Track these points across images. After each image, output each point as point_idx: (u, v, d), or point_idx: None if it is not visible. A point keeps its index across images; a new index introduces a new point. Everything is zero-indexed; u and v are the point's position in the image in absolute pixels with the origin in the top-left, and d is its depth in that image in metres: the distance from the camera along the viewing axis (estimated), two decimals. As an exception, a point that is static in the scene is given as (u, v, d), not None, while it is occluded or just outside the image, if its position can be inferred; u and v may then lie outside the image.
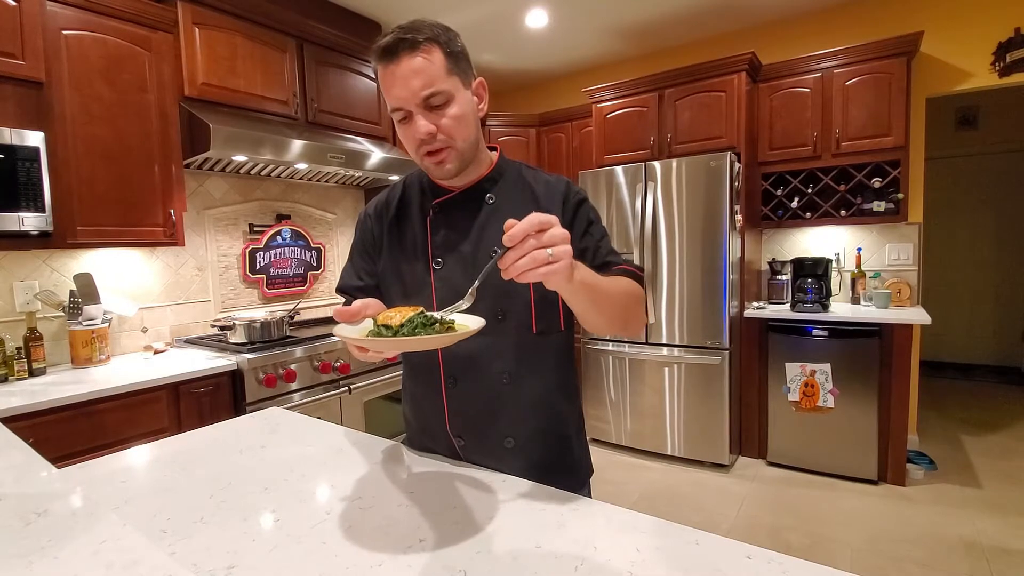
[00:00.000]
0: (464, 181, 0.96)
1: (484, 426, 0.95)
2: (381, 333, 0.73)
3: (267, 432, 1.16)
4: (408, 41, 0.82)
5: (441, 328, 0.72)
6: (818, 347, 2.90)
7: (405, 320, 0.72)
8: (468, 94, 0.89)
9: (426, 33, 0.83)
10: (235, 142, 2.22)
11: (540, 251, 0.63)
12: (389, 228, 1.02)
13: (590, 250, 0.94)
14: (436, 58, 0.83)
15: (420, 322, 0.72)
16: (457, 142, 0.88)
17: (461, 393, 0.95)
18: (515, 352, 0.94)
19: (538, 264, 0.63)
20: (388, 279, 1.01)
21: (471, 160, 0.93)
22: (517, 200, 0.96)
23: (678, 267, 3.09)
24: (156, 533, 0.73)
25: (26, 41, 1.80)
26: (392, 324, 0.73)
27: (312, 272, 3.10)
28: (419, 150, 0.88)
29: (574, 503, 0.80)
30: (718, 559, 0.65)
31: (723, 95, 3.10)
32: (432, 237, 0.96)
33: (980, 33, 2.91)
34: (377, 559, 0.66)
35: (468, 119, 0.89)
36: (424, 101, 0.84)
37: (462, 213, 0.96)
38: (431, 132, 0.85)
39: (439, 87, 0.83)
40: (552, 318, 0.96)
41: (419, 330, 0.71)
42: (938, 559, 2.15)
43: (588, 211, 0.97)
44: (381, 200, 1.06)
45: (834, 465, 2.89)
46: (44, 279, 2.12)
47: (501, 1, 3.10)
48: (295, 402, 2.22)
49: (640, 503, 2.72)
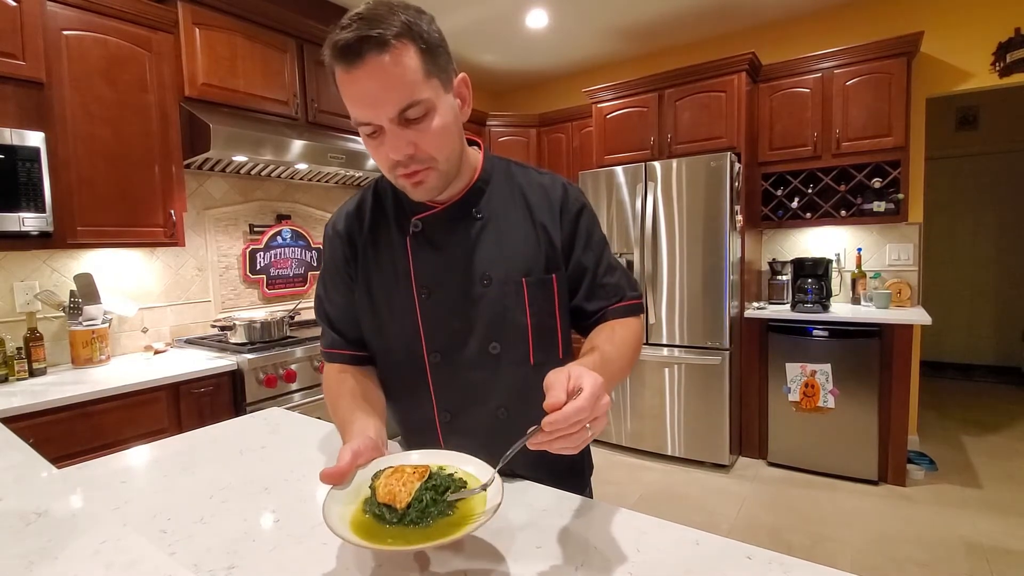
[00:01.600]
0: (447, 195, 0.83)
1: (483, 459, 0.90)
2: (384, 516, 0.60)
3: (267, 432, 1.16)
4: (375, 40, 0.65)
5: (452, 500, 0.62)
6: (818, 347, 2.90)
7: (412, 499, 0.60)
8: (449, 99, 0.74)
9: (396, 26, 0.66)
10: (235, 142, 2.22)
11: (582, 431, 0.58)
12: (364, 248, 0.87)
13: (590, 269, 0.88)
14: (410, 59, 0.67)
15: (430, 499, 0.61)
16: (439, 162, 0.74)
17: (458, 428, 0.88)
18: (512, 386, 0.86)
19: (580, 444, 0.58)
20: (364, 309, 0.88)
21: (455, 175, 0.80)
22: (509, 212, 0.86)
23: (678, 267, 3.09)
24: (156, 533, 0.73)
25: (26, 41, 1.80)
26: (397, 504, 0.60)
27: (312, 272, 3.10)
28: (393, 171, 0.74)
29: (574, 503, 0.80)
30: (719, 559, 0.64)
31: (723, 95, 3.10)
32: (414, 263, 0.84)
33: (980, 33, 2.91)
34: (377, 559, 0.65)
35: (451, 130, 0.74)
36: (399, 116, 0.69)
37: (447, 233, 0.83)
38: (408, 154, 0.71)
39: (417, 97, 0.68)
40: (551, 348, 0.88)
41: (430, 508, 0.60)
42: (938, 559, 2.15)
43: (588, 220, 0.89)
44: (350, 212, 0.90)
45: (834, 465, 2.89)
46: (44, 279, 2.12)
47: (501, 1, 3.10)
48: (295, 402, 2.22)
49: (640, 503, 2.72)
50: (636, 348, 0.86)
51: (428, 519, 0.60)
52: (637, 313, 0.91)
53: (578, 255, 0.88)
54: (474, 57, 3.96)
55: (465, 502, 0.63)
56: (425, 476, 0.63)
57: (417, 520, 0.59)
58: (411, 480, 0.62)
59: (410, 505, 0.60)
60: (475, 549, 0.68)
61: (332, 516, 0.58)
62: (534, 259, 0.85)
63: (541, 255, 0.85)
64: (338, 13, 0.75)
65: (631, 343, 0.84)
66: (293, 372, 2.21)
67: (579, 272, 0.88)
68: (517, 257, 0.84)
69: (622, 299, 0.90)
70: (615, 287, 0.89)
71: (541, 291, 0.85)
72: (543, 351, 0.87)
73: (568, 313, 0.91)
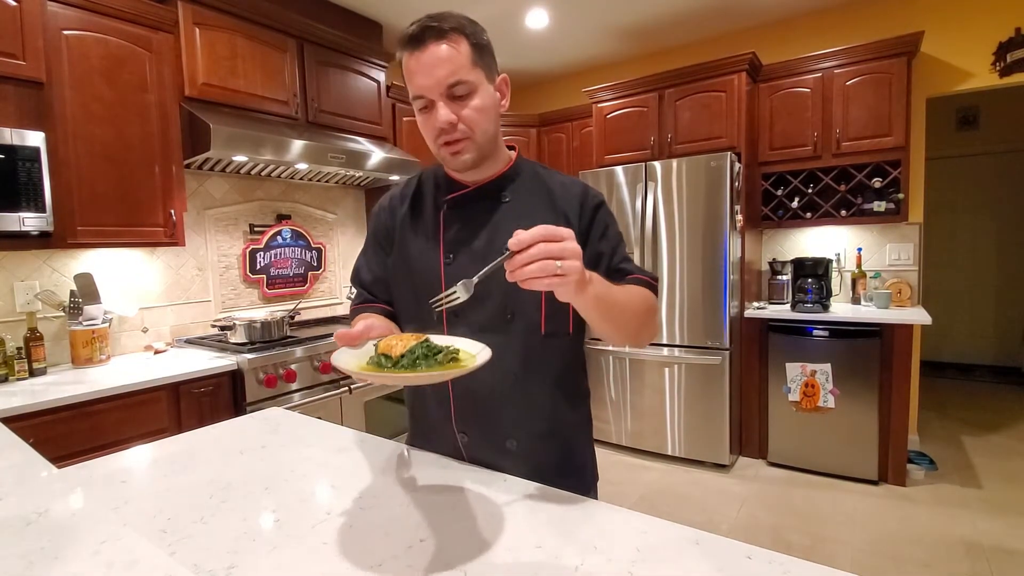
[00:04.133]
0: (480, 177, 0.95)
1: (488, 424, 0.95)
2: (381, 363, 0.69)
3: (267, 432, 1.16)
4: (435, 29, 0.82)
5: (444, 359, 0.70)
6: (818, 347, 2.90)
7: (406, 350, 0.69)
8: (491, 88, 0.89)
9: (453, 23, 0.84)
10: (236, 142, 2.22)
11: (549, 262, 0.62)
12: (402, 221, 1.01)
13: (606, 255, 0.94)
14: (462, 48, 0.84)
15: (421, 353, 0.69)
16: (476, 134, 0.88)
17: (467, 389, 0.94)
18: (522, 353, 0.93)
19: (546, 274, 0.63)
20: (399, 273, 1.01)
21: (488, 154, 0.93)
22: (533, 200, 0.96)
23: (678, 267, 3.09)
24: (156, 533, 0.73)
25: (27, 41, 1.80)
26: (393, 353, 0.69)
27: (312, 272, 3.10)
28: (437, 139, 0.88)
29: (575, 503, 0.80)
30: (719, 559, 0.64)
31: (723, 95, 3.10)
32: (444, 232, 0.96)
33: (980, 33, 2.91)
34: (378, 559, 0.65)
35: (489, 112, 0.89)
36: (447, 90, 0.84)
37: (476, 209, 0.95)
38: (452, 122, 0.85)
39: (463, 77, 0.84)
40: (562, 321, 0.95)
41: (420, 362, 0.68)
42: (939, 559, 2.15)
43: (606, 215, 0.98)
44: (396, 193, 1.05)
45: (835, 465, 2.89)
46: (44, 279, 2.12)
47: (501, 1, 3.10)
48: (295, 402, 2.22)
49: (640, 503, 2.72)
50: (640, 304, 0.88)
51: (419, 369, 0.68)
52: (649, 288, 0.93)
53: (595, 243, 0.95)
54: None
55: (455, 365, 0.70)
56: (422, 340, 0.72)
57: (409, 367, 0.68)
58: (409, 340, 0.71)
59: (403, 355, 0.69)
60: (474, 548, 0.68)
61: (339, 359, 0.71)
62: None
63: None
64: (338, 13, 0.78)
65: (635, 297, 0.88)
66: (293, 372, 2.21)
67: (595, 259, 0.94)
68: None
69: (636, 275, 0.94)
70: (629, 272, 0.94)
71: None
72: (554, 323, 0.94)
73: None
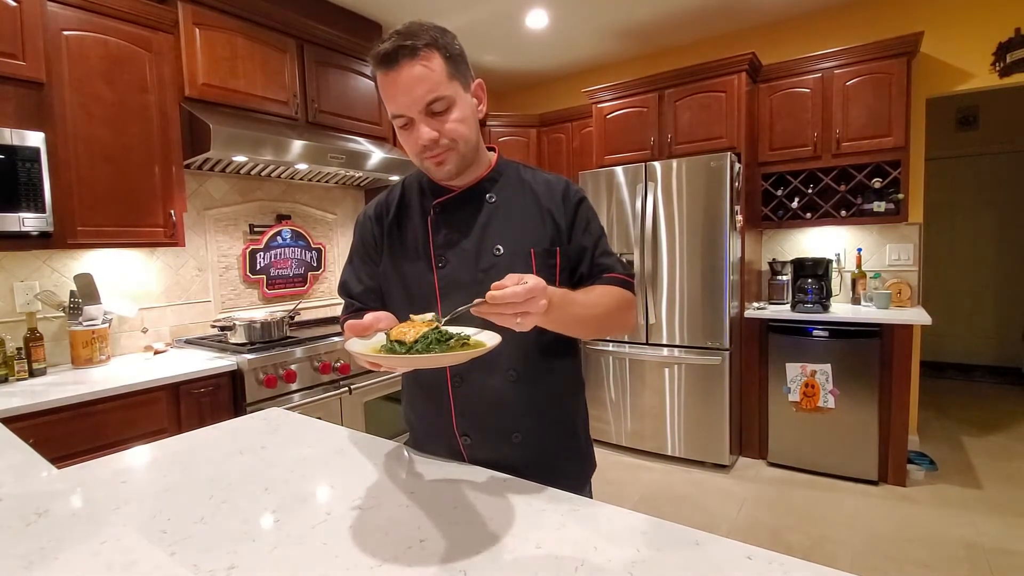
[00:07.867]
0: (464, 181, 0.97)
1: (492, 423, 0.96)
2: (394, 349, 0.71)
3: (267, 432, 1.16)
4: (408, 48, 0.82)
5: (456, 345, 0.71)
6: (818, 347, 2.90)
7: (419, 336, 0.70)
8: (468, 97, 0.91)
9: (425, 39, 0.83)
10: (235, 143, 2.22)
11: (510, 317, 0.69)
12: (389, 229, 1.02)
13: (589, 249, 0.98)
14: (436, 64, 0.84)
15: (435, 338, 0.71)
16: (460, 144, 0.89)
17: (468, 392, 0.96)
18: (522, 350, 0.94)
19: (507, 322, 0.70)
20: (389, 280, 1.01)
21: (471, 161, 0.94)
22: (518, 199, 0.98)
23: (678, 267, 3.09)
24: (156, 533, 0.73)
25: (26, 41, 1.80)
26: (406, 340, 0.70)
27: (312, 272, 3.10)
28: (421, 154, 0.90)
29: (574, 504, 0.80)
30: (719, 560, 0.65)
31: (723, 95, 3.10)
32: (433, 237, 0.97)
33: (980, 33, 2.91)
34: (377, 559, 0.65)
35: (469, 122, 0.90)
36: (426, 108, 0.85)
37: (463, 212, 0.96)
38: (433, 139, 0.87)
39: (440, 93, 0.84)
40: None
41: (433, 347, 0.70)
42: (939, 560, 2.15)
43: (587, 210, 1.01)
44: (380, 201, 1.05)
45: (834, 466, 2.89)
46: (44, 279, 2.12)
47: (501, 1, 3.10)
48: (295, 402, 2.21)
49: (640, 504, 2.72)
50: (612, 306, 0.93)
51: (433, 351, 0.69)
52: (623, 286, 0.97)
53: (578, 238, 0.98)
54: (475, 57, 3.96)
55: (467, 348, 0.71)
56: (433, 327, 0.73)
57: (422, 352, 0.69)
58: (420, 328, 0.72)
59: (417, 341, 0.70)
60: (475, 548, 0.68)
61: (353, 346, 0.73)
62: (541, 234, 0.96)
63: (547, 232, 0.97)
64: (338, 13, 0.78)
65: (605, 301, 0.92)
66: (293, 372, 2.21)
67: (579, 253, 0.99)
68: (526, 232, 0.96)
69: (612, 273, 0.98)
70: (609, 267, 0.99)
71: (546, 261, 0.96)
72: None
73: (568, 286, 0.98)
